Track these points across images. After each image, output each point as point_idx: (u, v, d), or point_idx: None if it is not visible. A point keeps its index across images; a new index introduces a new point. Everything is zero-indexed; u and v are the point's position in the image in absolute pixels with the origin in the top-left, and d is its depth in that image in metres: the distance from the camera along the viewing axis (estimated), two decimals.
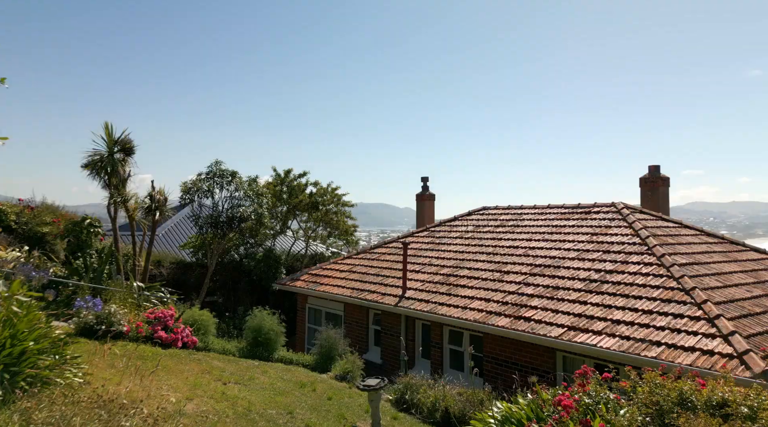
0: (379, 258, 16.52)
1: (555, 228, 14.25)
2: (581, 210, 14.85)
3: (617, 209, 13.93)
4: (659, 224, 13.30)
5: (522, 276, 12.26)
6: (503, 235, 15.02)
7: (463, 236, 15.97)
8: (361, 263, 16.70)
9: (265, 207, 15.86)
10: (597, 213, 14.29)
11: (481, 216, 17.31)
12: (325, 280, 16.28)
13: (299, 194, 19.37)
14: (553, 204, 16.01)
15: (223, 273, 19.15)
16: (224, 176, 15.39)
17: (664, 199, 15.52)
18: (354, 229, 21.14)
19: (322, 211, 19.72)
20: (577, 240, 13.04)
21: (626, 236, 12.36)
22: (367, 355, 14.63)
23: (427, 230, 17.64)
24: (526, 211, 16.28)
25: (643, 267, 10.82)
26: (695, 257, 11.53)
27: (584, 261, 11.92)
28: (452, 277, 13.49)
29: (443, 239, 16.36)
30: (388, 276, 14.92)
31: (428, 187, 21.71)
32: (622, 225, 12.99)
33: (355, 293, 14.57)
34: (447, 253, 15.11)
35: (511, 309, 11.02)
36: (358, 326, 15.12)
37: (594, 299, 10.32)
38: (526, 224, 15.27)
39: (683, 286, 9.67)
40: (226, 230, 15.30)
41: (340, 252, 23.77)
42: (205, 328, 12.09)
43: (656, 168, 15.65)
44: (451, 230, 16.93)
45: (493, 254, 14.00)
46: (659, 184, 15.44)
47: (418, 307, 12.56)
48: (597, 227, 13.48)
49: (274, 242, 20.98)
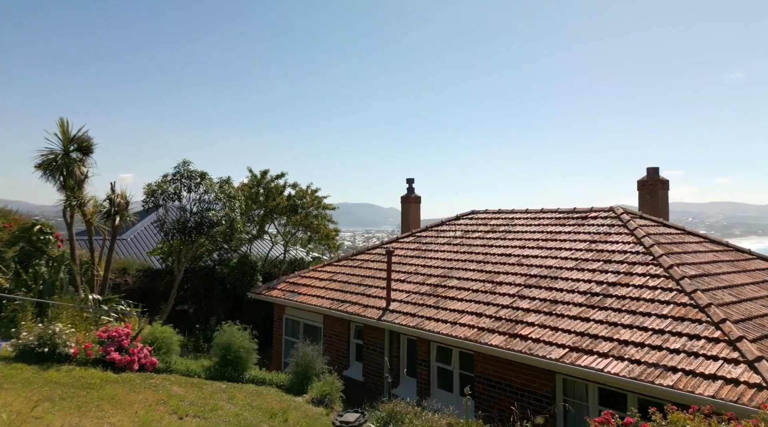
0: (362, 266, 15.43)
1: (550, 234, 13.28)
2: (577, 215, 13.91)
3: (616, 214, 13.01)
4: (662, 231, 12.40)
5: (516, 288, 11.26)
6: (494, 241, 14.02)
7: (451, 242, 14.95)
8: (342, 270, 15.60)
9: (238, 211, 14.67)
10: (594, 219, 13.36)
11: (470, 220, 16.30)
12: (304, 289, 15.15)
13: (276, 197, 18.18)
14: (546, 208, 15.06)
15: (195, 281, 17.91)
16: (192, 178, 14.15)
17: (664, 202, 14.66)
18: (335, 233, 20.02)
19: (302, 214, 18.58)
20: (575, 248, 12.08)
21: (628, 244, 11.43)
22: (347, 371, 13.54)
23: (412, 235, 16.60)
24: (518, 216, 15.31)
25: (649, 279, 9.88)
26: (703, 267, 10.63)
27: (584, 272, 10.96)
28: (440, 287, 12.45)
29: (430, 245, 15.32)
30: (371, 286, 13.84)
31: (414, 190, 20.68)
32: (622, 232, 12.06)
33: (335, 305, 13.46)
34: (434, 260, 14.08)
35: (506, 326, 10.01)
36: (338, 340, 14.02)
37: (597, 316, 9.35)
38: (518, 229, 14.29)
39: (697, 302, 8.74)
40: (195, 236, 14.07)
41: (322, 257, 22.65)
42: (167, 346, 10.90)
43: (655, 170, 14.78)
44: (438, 235, 15.91)
45: (484, 262, 12.99)
46: (658, 188, 14.56)
47: (404, 321, 11.50)
48: (595, 233, 12.54)
49: (251, 247, 19.76)
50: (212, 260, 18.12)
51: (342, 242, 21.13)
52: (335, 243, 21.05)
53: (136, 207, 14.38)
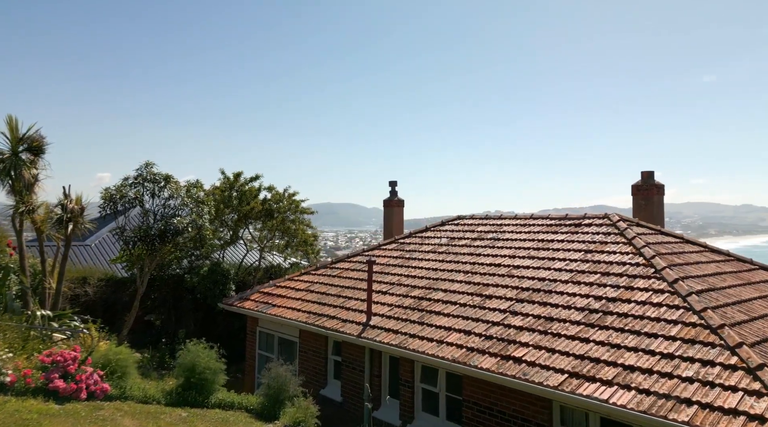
0: (341, 275, 14.45)
1: (541, 243, 12.45)
2: (570, 222, 13.11)
3: (612, 222, 12.22)
4: (660, 239, 11.65)
5: (507, 302, 10.39)
6: (482, 250, 13.15)
7: (436, 250, 14.05)
8: (320, 280, 14.60)
9: (207, 217, 13.57)
10: (589, 226, 12.57)
11: (455, 227, 15.42)
12: (279, 300, 14.12)
13: (251, 201, 17.10)
14: (536, 214, 14.24)
15: (163, 290, 16.75)
16: (156, 181, 13.03)
17: (659, 208, 13.95)
18: (314, 239, 18.99)
19: (278, 219, 17.52)
20: (569, 258, 11.26)
21: (627, 255, 10.64)
22: (325, 390, 12.56)
23: (395, 242, 15.66)
24: (506, 223, 14.46)
25: (653, 295, 9.08)
26: (708, 280, 9.87)
27: (580, 285, 10.13)
28: (425, 301, 11.54)
29: (414, 252, 14.40)
30: (351, 298, 12.87)
31: (396, 193, 19.75)
32: (620, 241, 11.27)
33: (312, 319, 12.47)
34: (418, 270, 13.16)
35: (497, 346, 9.13)
36: (315, 356, 13.02)
37: (598, 336, 8.51)
38: (507, 237, 13.44)
39: (708, 322, 7.94)
40: (159, 245, 12.93)
41: (300, 263, 21.62)
42: (122, 369, 9.80)
43: (649, 174, 14.06)
44: (422, 242, 14.99)
45: (472, 272, 12.11)
46: (653, 193, 13.84)
47: (386, 339, 10.56)
48: (590, 242, 11.73)
49: (224, 253, 18.65)
50: (182, 267, 16.97)
51: (321, 248, 20.09)
52: (314, 249, 20.04)
53: (96, 212, 13.18)
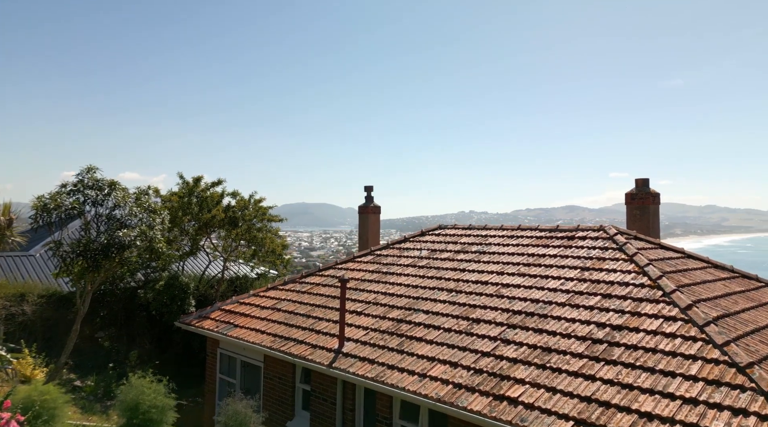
0: (311, 291, 13.11)
1: (532, 258, 11.34)
2: (562, 235, 12.03)
3: (609, 235, 11.18)
4: (662, 255, 10.65)
5: (498, 328, 9.21)
6: (467, 265, 11.98)
7: (416, 264, 12.82)
8: (288, 296, 13.23)
9: (159, 228, 12.07)
10: (583, 239, 11.50)
11: (436, 237, 14.23)
12: (242, 320, 12.70)
13: (213, 208, 15.62)
14: (524, 225, 13.14)
15: (114, 305, 15.15)
16: (99, 188, 11.49)
17: (655, 218, 13.00)
18: (283, 248, 17.59)
19: (243, 227, 16.09)
20: (564, 277, 10.16)
21: (629, 274, 9.58)
22: (292, 423, 11.21)
23: (371, 254, 14.38)
24: (492, 234, 13.33)
25: (664, 323, 8.01)
26: (720, 304, 8.87)
27: (579, 309, 9.02)
28: (405, 324, 10.30)
29: (392, 266, 13.14)
30: (322, 319, 11.55)
31: (372, 198, 18.49)
32: (620, 257, 10.22)
33: (278, 343, 11.10)
34: (397, 287, 11.91)
35: (488, 382, 7.94)
36: (281, 384, 11.66)
37: (605, 372, 7.39)
38: (494, 250, 12.30)
39: (733, 359, 6.89)
40: (102, 261, 11.39)
41: (269, 273, 20.18)
42: (50, 411, 8.31)
43: (644, 182, 13.10)
44: (401, 254, 13.75)
45: (456, 291, 10.92)
46: (649, 202, 12.88)
47: (360, 370, 9.28)
48: (587, 258, 10.66)
49: (183, 264, 17.11)
50: (135, 280, 15.38)
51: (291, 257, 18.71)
52: (283, 259, 18.62)
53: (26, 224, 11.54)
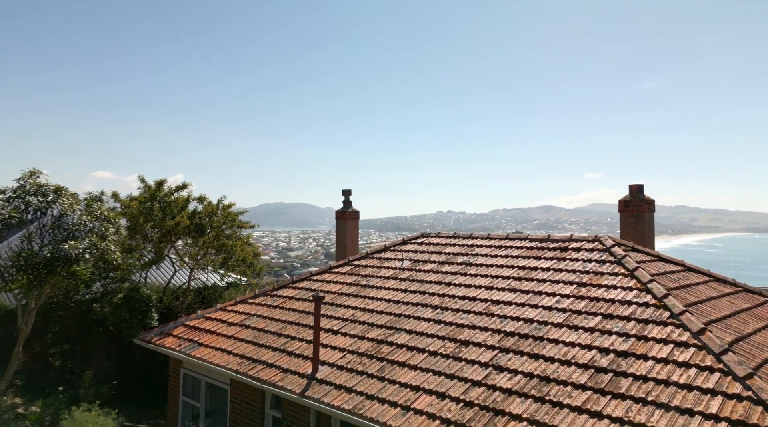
0: (284, 305, 12.07)
1: (523, 271, 10.49)
2: (555, 245, 11.21)
3: (605, 247, 10.39)
4: (663, 269, 9.90)
5: (489, 352, 8.32)
6: (453, 278, 11.08)
7: (397, 277, 11.88)
8: (259, 311, 12.17)
9: (113, 239, 10.89)
10: (577, 251, 10.70)
11: (419, 246, 13.31)
12: (207, 338, 11.61)
13: (177, 214, 14.45)
14: (513, 234, 12.30)
15: (67, 320, 13.88)
16: (43, 194, 10.26)
17: (650, 226, 12.28)
18: (254, 257, 16.47)
19: (211, 235, 14.95)
20: (560, 293, 9.32)
21: (631, 291, 8.78)
22: None
23: (349, 264, 13.39)
24: (478, 243, 12.46)
25: (675, 350, 7.20)
26: (731, 325, 8.12)
27: (579, 331, 8.18)
28: (386, 345, 9.35)
29: (371, 278, 12.17)
30: (295, 338, 10.53)
31: (351, 203, 17.51)
32: (619, 272, 9.42)
33: (246, 366, 10.05)
34: (377, 303, 10.95)
35: (481, 417, 7.03)
36: (248, 409, 10.60)
37: (613, 409, 6.54)
38: (481, 262, 11.42)
39: (758, 395, 6.10)
40: (46, 276, 10.19)
41: (240, 281, 19.05)
42: None
43: (639, 188, 12.37)
44: (381, 265, 12.79)
45: (442, 308, 10.01)
46: (644, 210, 12.16)
47: (336, 400, 8.30)
48: (583, 272, 9.85)
49: (146, 274, 15.89)
50: (92, 292, 14.13)
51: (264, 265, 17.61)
52: (255, 267, 17.51)
53: None
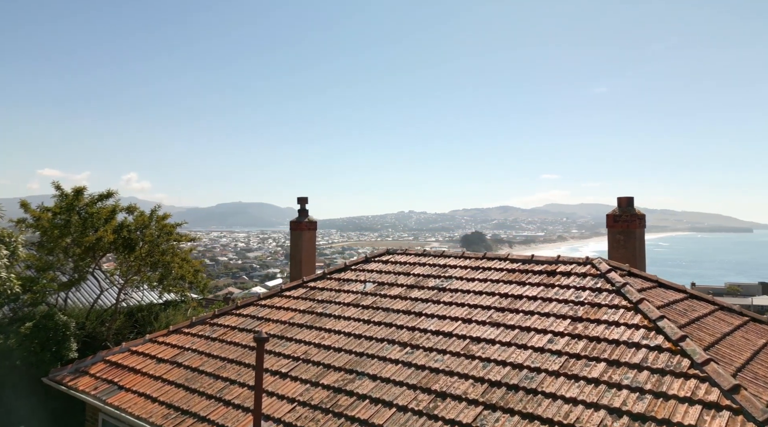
0: (224, 338, 10.22)
1: (507, 300, 9.00)
2: (540, 268, 9.76)
3: (600, 272, 9.00)
4: (666, 297, 8.59)
5: (471, 409, 6.76)
6: (424, 306, 9.48)
7: (360, 303, 10.20)
8: (194, 344, 10.28)
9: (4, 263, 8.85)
10: (567, 275, 9.28)
11: (383, 265, 11.67)
12: (130, 379, 9.67)
13: (100, 227, 12.38)
14: (491, 254, 10.80)
15: None
16: None
17: (641, 244, 11.03)
18: (194, 274, 14.48)
19: (143, 250, 12.93)
20: (553, 330, 7.85)
21: (638, 330, 7.38)
22: None
23: (303, 286, 11.63)
24: (452, 263, 10.91)
25: (704, 412, 5.79)
26: (758, 372, 6.83)
27: (580, 384, 6.71)
28: (345, 395, 7.68)
29: (329, 305, 10.47)
30: (235, 382, 8.73)
31: (307, 212, 15.74)
32: (620, 304, 8.02)
33: (171, 420, 8.20)
34: (335, 337, 9.26)
35: None
36: None
37: None
38: (456, 286, 9.88)
39: None
40: None
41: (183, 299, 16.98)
42: None
43: (629, 201, 11.11)
44: (340, 287, 11.10)
45: (412, 345, 8.41)
46: (635, 226, 10.89)
47: None
48: (577, 303, 8.41)
49: (66, 295, 13.71)
50: None
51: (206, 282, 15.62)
52: (199, 282, 15.51)
53: None
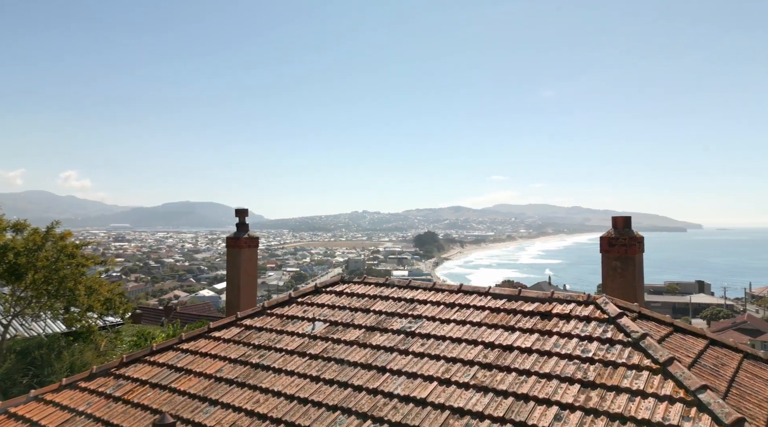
0: (130, 396, 7.90)
1: (493, 352, 7.12)
2: (532, 308, 7.92)
3: (608, 315, 7.24)
4: (687, 346, 6.95)
5: None
6: (388, 358, 7.49)
7: (306, 352, 8.11)
8: (91, 406, 7.91)
9: None
10: (567, 319, 7.49)
11: (337, 298, 9.59)
12: None
13: None
14: (468, 286, 8.89)
15: None
16: None
17: (640, 272, 9.43)
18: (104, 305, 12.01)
19: (38, 276, 10.40)
20: (559, 401, 6.02)
21: (673, 404, 5.62)
22: None
23: (237, 325, 9.39)
24: (420, 297, 8.95)
25: None
26: None
27: None
28: None
29: (267, 353, 8.31)
30: None
31: (247, 226, 13.50)
32: (642, 364, 6.26)
33: None
34: (274, 400, 7.14)
35: None
36: None
37: None
38: (428, 330, 7.93)
39: None
40: None
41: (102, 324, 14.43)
42: None
43: (626, 222, 9.49)
44: (283, 328, 8.95)
45: (375, 418, 6.41)
46: (635, 251, 9.27)
47: None
48: (585, 359, 6.62)
49: None
50: None
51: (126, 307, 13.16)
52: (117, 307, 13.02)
53: None
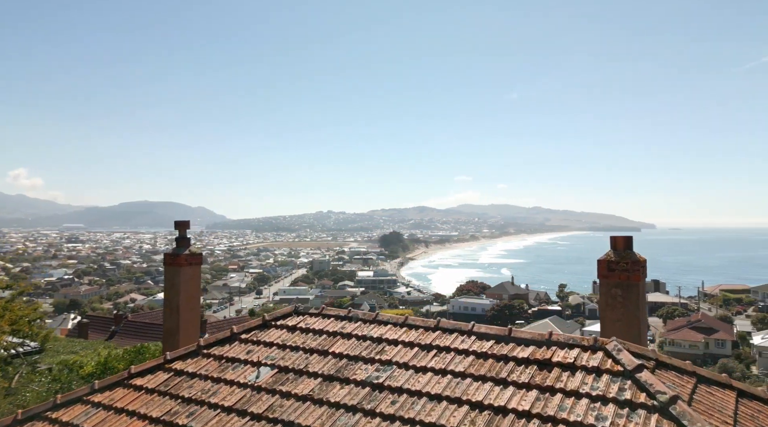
0: None
1: (483, 416, 5.63)
2: (527, 354, 6.46)
3: (623, 367, 5.86)
4: (716, 404, 5.67)
5: None
6: (351, 421, 5.95)
7: (247, 409, 6.47)
8: None
9: None
10: (572, 371, 6.08)
11: (290, 334, 7.94)
12: None
13: None
14: (445, 323, 7.38)
15: None
16: None
17: (644, 300, 8.14)
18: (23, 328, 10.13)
19: None
20: None
21: None
22: None
23: (165, 369, 7.63)
24: (389, 335, 7.39)
25: None
26: None
27: None
28: None
29: (199, 410, 6.62)
30: None
31: (188, 241, 11.69)
32: None
33: None
34: None
35: None
36: None
37: None
38: (400, 383, 6.39)
39: None
40: None
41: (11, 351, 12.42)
42: None
43: (627, 242, 8.17)
44: (221, 374, 7.26)
45: None
46: (638, 277, 7.97)
47: None
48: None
49: None
50: None
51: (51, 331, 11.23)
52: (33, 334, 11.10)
53: None
